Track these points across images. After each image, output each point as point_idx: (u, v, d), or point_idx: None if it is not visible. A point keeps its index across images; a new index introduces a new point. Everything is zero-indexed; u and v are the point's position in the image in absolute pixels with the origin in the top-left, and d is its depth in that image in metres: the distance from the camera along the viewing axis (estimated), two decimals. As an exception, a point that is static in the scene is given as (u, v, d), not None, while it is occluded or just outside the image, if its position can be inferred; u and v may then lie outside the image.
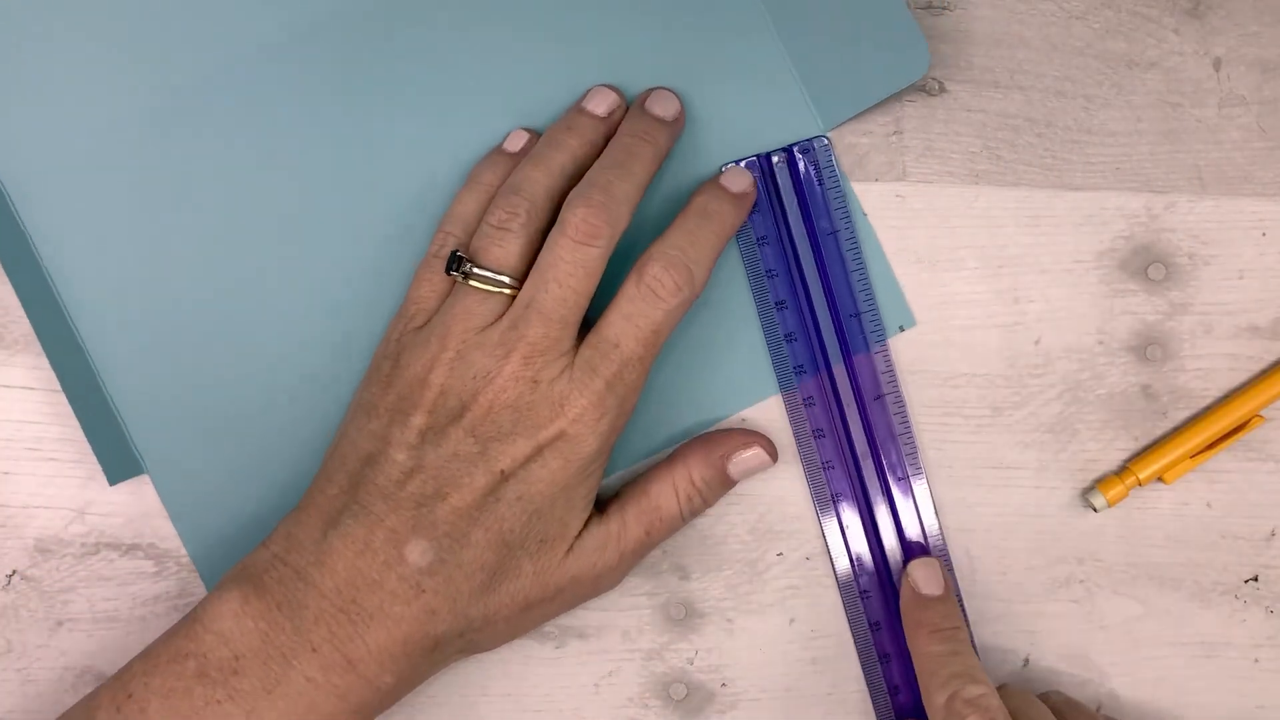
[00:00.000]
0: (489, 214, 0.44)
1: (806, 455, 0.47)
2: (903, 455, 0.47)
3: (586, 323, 0.44)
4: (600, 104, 0.45)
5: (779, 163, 0.47)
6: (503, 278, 0.43)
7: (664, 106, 0.45)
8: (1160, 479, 0.47)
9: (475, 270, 0.43)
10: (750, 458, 0.46)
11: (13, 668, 0.48)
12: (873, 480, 0.47)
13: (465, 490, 0.42)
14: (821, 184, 0.47)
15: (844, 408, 0.47)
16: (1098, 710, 0.47)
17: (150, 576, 0.48)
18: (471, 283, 0.43)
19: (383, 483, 0.42)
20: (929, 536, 0.47)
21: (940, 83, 0.48)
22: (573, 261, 0.42)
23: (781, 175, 0.47)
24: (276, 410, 0.47)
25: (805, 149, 0.47)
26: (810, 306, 0.47)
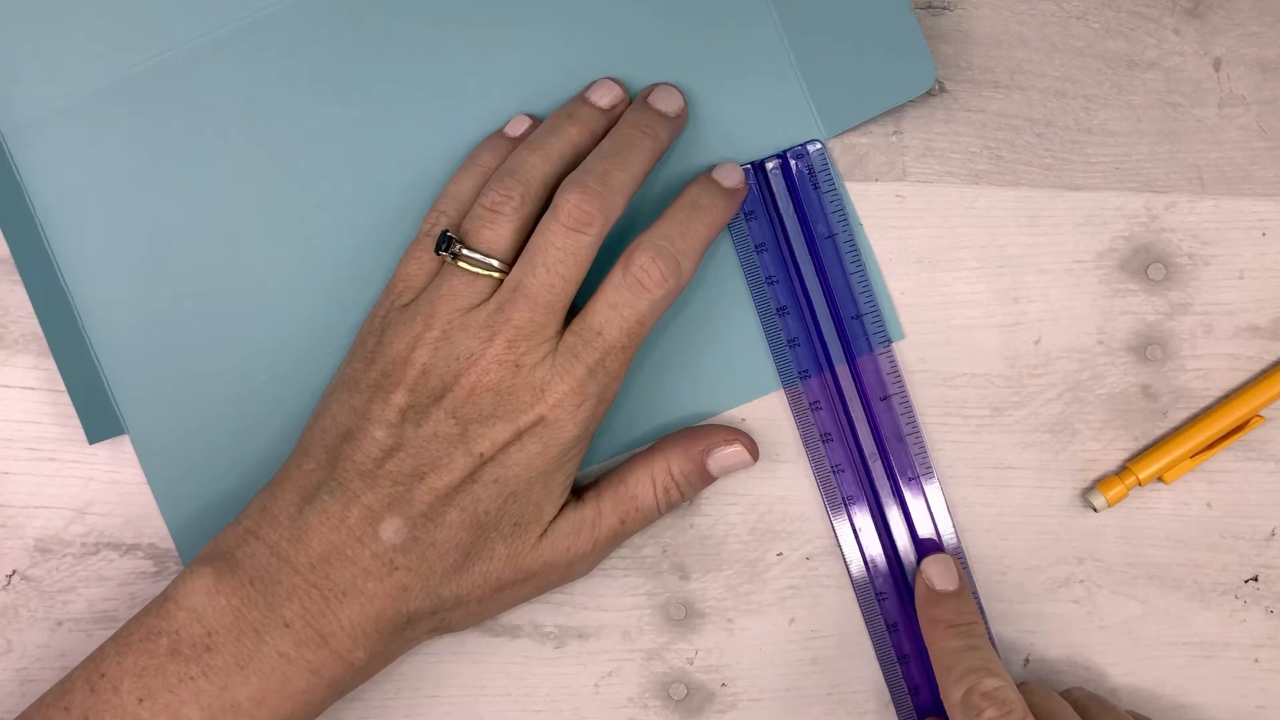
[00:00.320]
0: (483, 195, 0.43)
1: (815, 460, 0.47)
2: (911, 456, 0.47)
3: (574, 310, 0.44)
4: (603, 96, 0.45)
5: (773, 169, 0.47)
6: (491, 260, 0.43)
7: (667, 101, 0.45)
8: (1160, 479, 0.47)
9: (464, 251, 0.43)
10: (730, 454, 0.46)
11: (13, 668, 0.48)
12: (883, 482, 0.47)
13: (443, 471, 0.42)
14: (817, 188, 0.47)
15: (850, 410, 0.47)
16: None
17: (150, 576, 0.48)
18: (460, 264, 0.43)
19: (360, 459, 0.42)
20: (942, 536, 0.47)
21: (940, 83, 0.48)
22: (563, 247, 0.42)
23: (776, 181, 0.47)
24: (261, 381, 0.47)
25: (799, 154, 0.47)
26: (812, 311, 0.47)
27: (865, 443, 0.47)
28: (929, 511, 0.47)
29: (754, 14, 0.46)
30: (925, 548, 0.47)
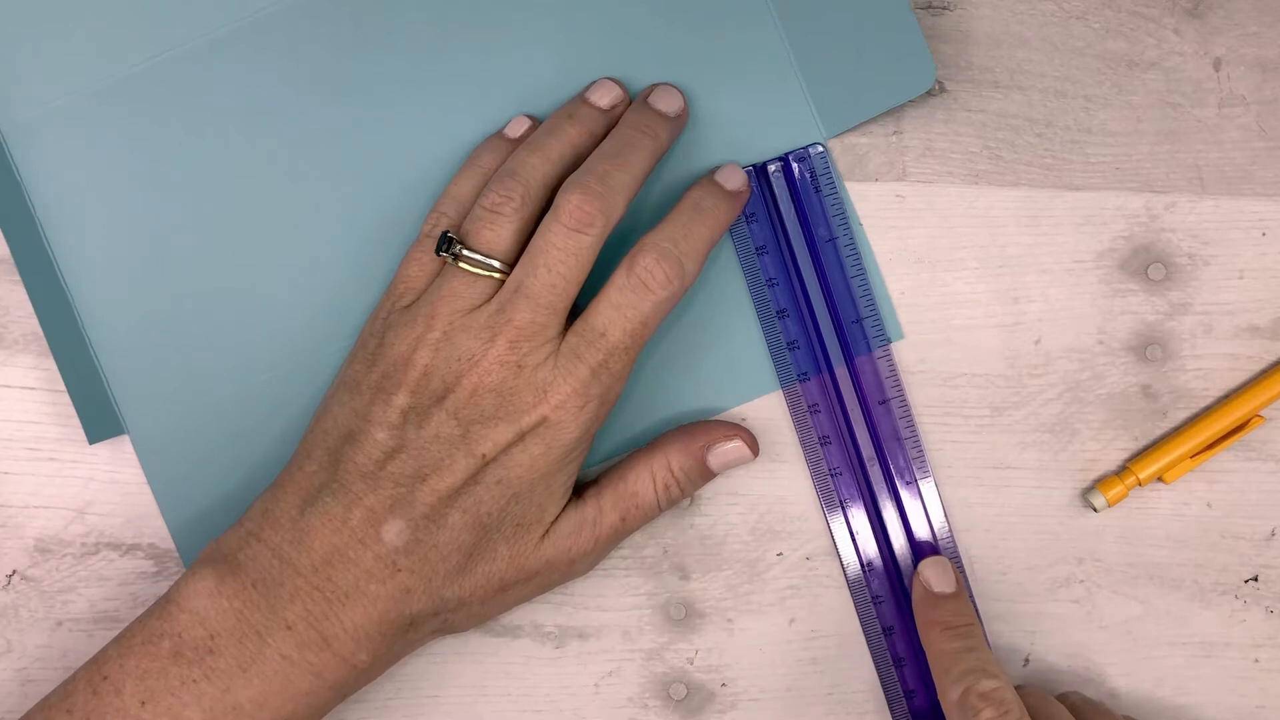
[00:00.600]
0: (483, 196, 0.43)
1: (813, 462, 0.47)
2: (909, 459, 0.47)
3: (576, 311, 0.44)
4: (603, 96, 0.45)
5: (775, 171, 0.47)
6: (492, 261, 0.43)
7: (667, 102, 0.45)
8: (1160, 479, 0.47)
9: (465, 252, 0.43)
10: (731, 450, 0.46)
11: (13, 668, 0.48)
12: (880, 485, 0.47)
13: (445, 473, 0.42)
14: (818, 191, 0.47)
15: (849, 413, 0.47)
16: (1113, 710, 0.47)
17: (150, 576, 0.48)
18: (461, 264, 0.43)
19: (362, 461, 0.42)
20: (939, 539, 0.47)
21: (940, 83, 0.48)
22: (564, 248, 0.42)
23: (778, 184, 0.47)
24: (261, 381, 0.47)
25: (801, 157, 0.47)
26: (811, 314, 0.47)
27: (863, 445, 0.47)
28: (925, 515, 0.47)
29: (754, 14, 0.46)
30: (921, 551, 0.47)
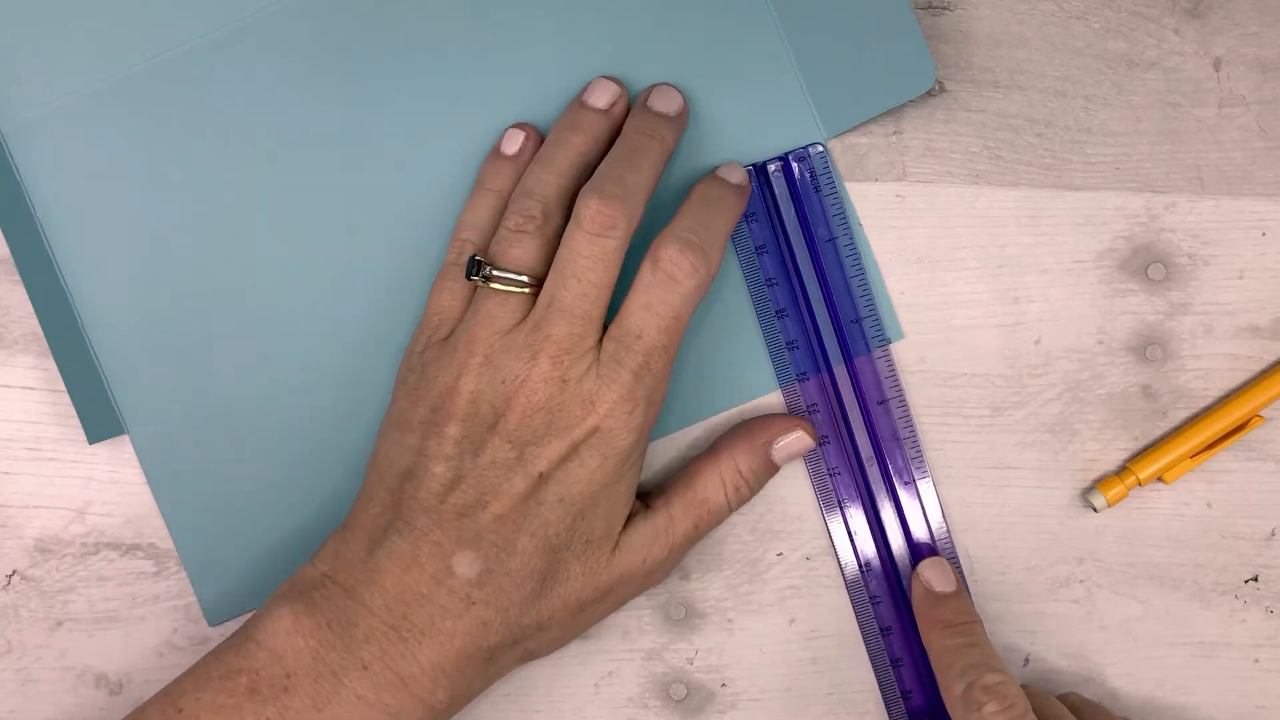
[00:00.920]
0: (505, 219, 0.44)
1: (812, 463, 0.47)
2: (908, 459, 0.47)
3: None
4: (601, 96, 0.45)
5: (775, 171, 0.47)
6: (522, 277, 0.43)
7: (666, 102, 0.45)
8: (1160, 479, 0.47)
9: (495, 272, 0.43)
10: (793, 441, 0.46)
11: (13, 668, 0.48)
12: (879, 485, 0.47)
13: (505, 497, 0.42)
14: (818, 191, 0.47)
15: (848, 413, 0.47)
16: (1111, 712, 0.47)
17: (150, 576, 0.48)
18: (493, 285, 0.43)
19: (424, 497, 0.42)
20: (937, 539, 0.47)
21: (940, 83, 0.48)
22: (590, 255, 0.42)
23: (778, 183, 0.47)
24: (261, 381, 0.47)
25: (801, 156, 0.47)
26: (811, 314, 0.47)
27: (862, 446, 0.47)
28: (924, 515, 0.47)
29: (754, 14, 0.46)
30: (920, 551, 0.47)
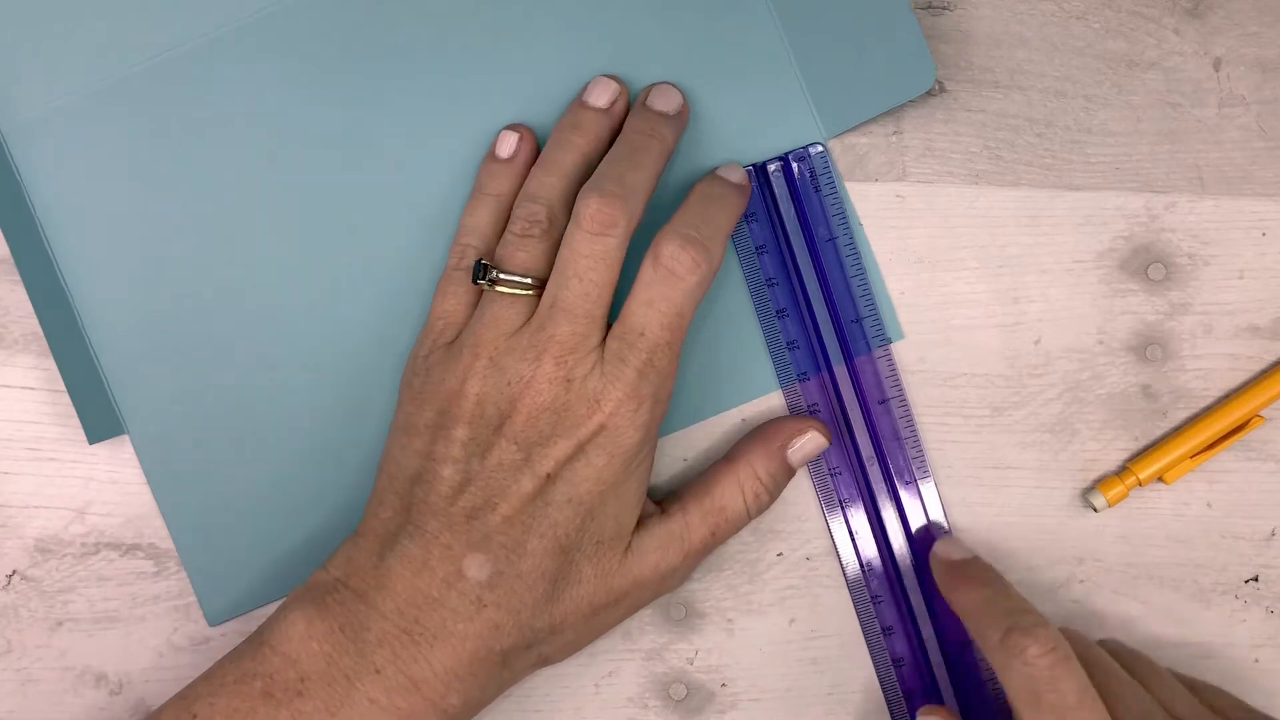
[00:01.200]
0: (511, 224, 0.44)
1: (813, 462, 0.47)
2: (909, 459, 0.47)
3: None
4: (601, 96, 0.45)
5: (775, 171, 0.47)
6: (527, 279, 0.43)
7: (665, 101, 0.45)
8: (1160, 479, 0.47)
9: (501, 275, 0.43)
10: (807, 442, 0.46)
11: (13, 668, 0.48)
12: (879, 484, 0.47)
13: (513, 498, 0.42)
14: (818, 191, 0.47)
15: (848, 413, 0.47)
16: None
17: (150, 576, 0.48)
18: (499, 288, 0.43)
19: (434, 500, 0.42)
20: (938, 539, 0.47)
21: (940, 83, 0.48)
22: (590, 254, 0.42)
23: (778, 183, 0.47)
24: (261, 381, 0.47)
25: (801, 156, 0.47)
26: (811, 313, 0.47)
27: (862, 445, 0.47)
28: (925, 515, 0.47)
29: (754, 14, 0.46)
30: (921, 552, 0.47)
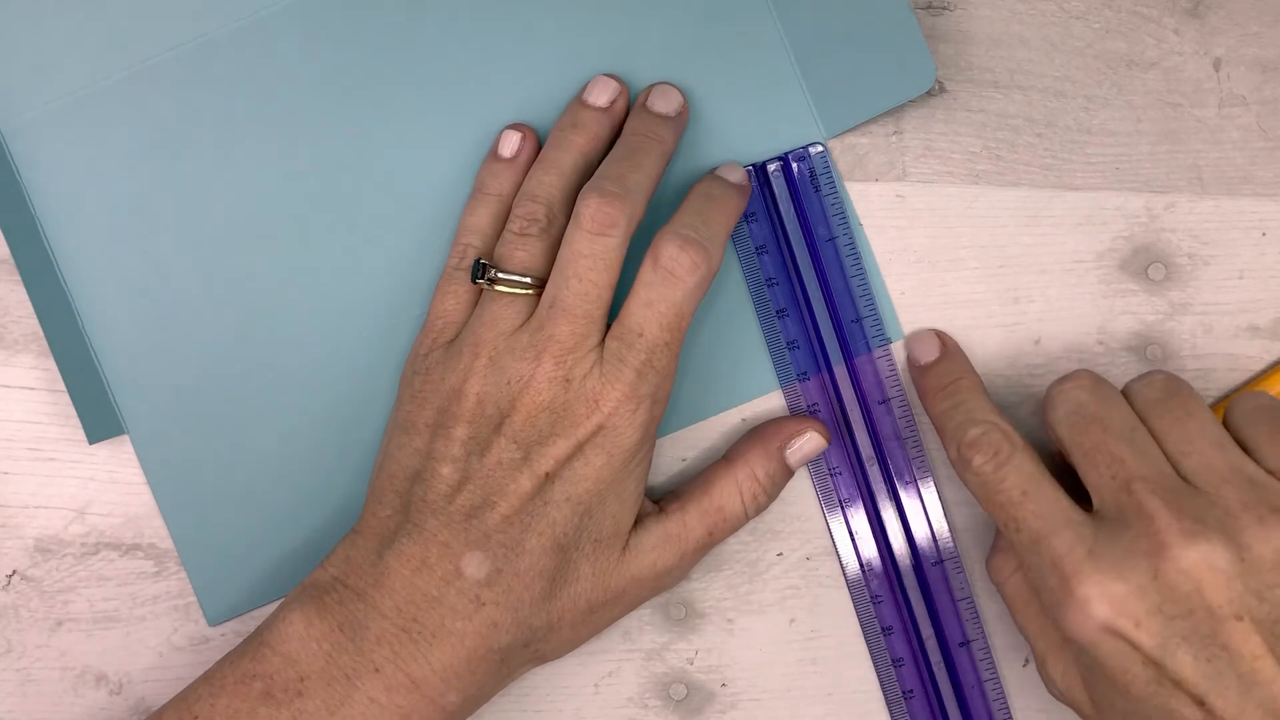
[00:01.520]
0: (510, 223, 0.44)
1: (813, 462, 0.47)
2: (909, 459, 0.47)
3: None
4: (601, 95, 0.45)
5: (775, 171, 0.47)
6: (526, 279, 0.43)
7: (665, 102, 0.45)
8: (1160, 479, 0.47)
9: (500, 275, 0.43)
10: (806, 442, 0.46)
11: (13, 668, 0.48)
12: (879, 484, 0.47)
13: (512, 497, 0.42)
14: (818, 190, 0.47)
15: (848, 413, 0.47)
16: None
17: (150, 576, 0.48)
18: (498, 288, 0.43)
19: (432, 499, 0.42)
20: (938, 538, 0.47)
21: (940, 83, 0.48)
22: (591, 254, 0.42)
23: (778, 183, 0.47)
24: (261, 380, 0.47)
25: (801, 156, 0.47)
26: (811, 313, 0.47)
27: (862, 445, 0.47)
28: (925, 514, 0.47)
29: (754, 14, 0.46)
30: (921, 551, 0.47)
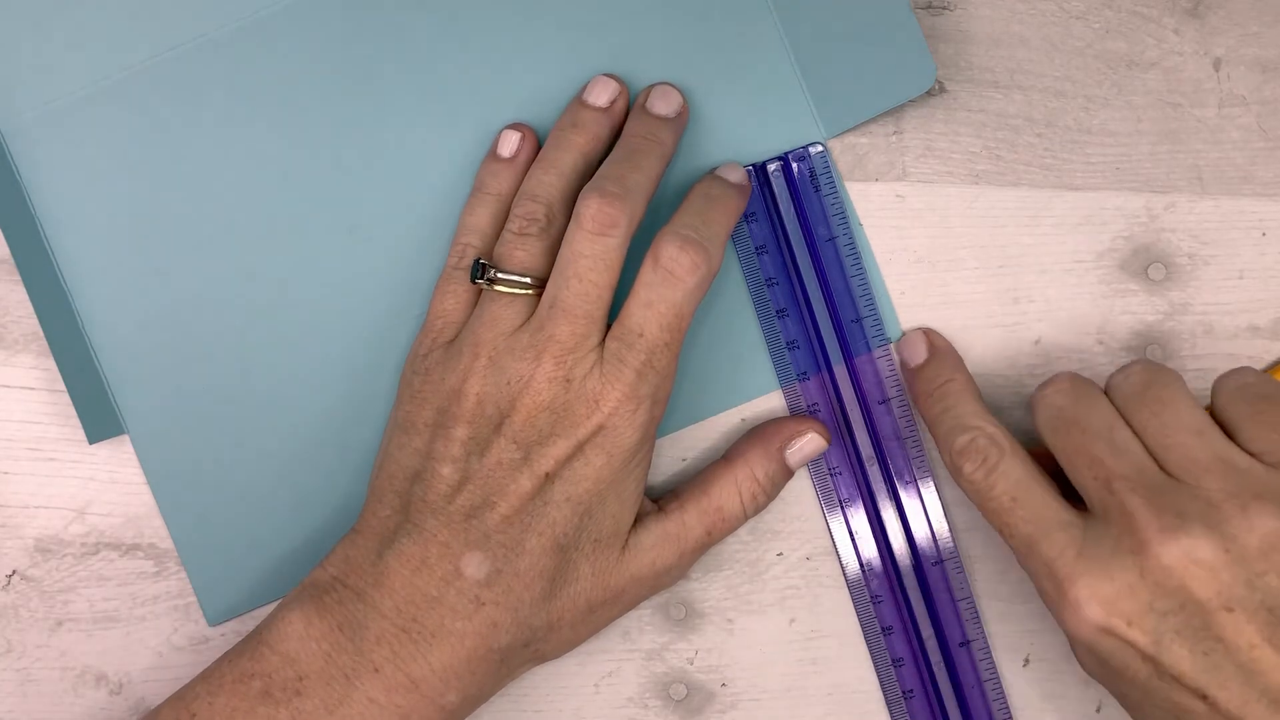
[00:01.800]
0: (509, 223, 0.44)
1: (813, 462, 0.47)
2: (909, 459, 0.47)
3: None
4: (601, 95, 0.45)
5: (775, 171, 0.47)
6: (526, 279, 0.43)
7: (665, 103, 0.45)
8: (1160, 479, 0.47)
9: (500, 275, 0.43)
10: (806, 444, 0.46)
11: (13, 668, 0.48)
12: (879, 484, 0.47)
13: (512, 497, 0.42)
14: (818, 190, 0.47)
15: (848, 413, 0.47)
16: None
17: (150, 576, 0.48)
18: (497, 288, 0.43)
19: (432, 499, 0.42)
20: (938, 538, 0.47)
21: (940, 83, 0.48)
22: (591, 255, 0.42)
23: (778, 183, 0.47)
24: (262, 381, 0.47)
25: (801, 156, 0.47)
26: (811, 313, 0.47)
27: (862, 445, 0.47)
28: (925, 514, 0.47)
29: (754, 14, 0.46)
30: (921, 551, 0.47)
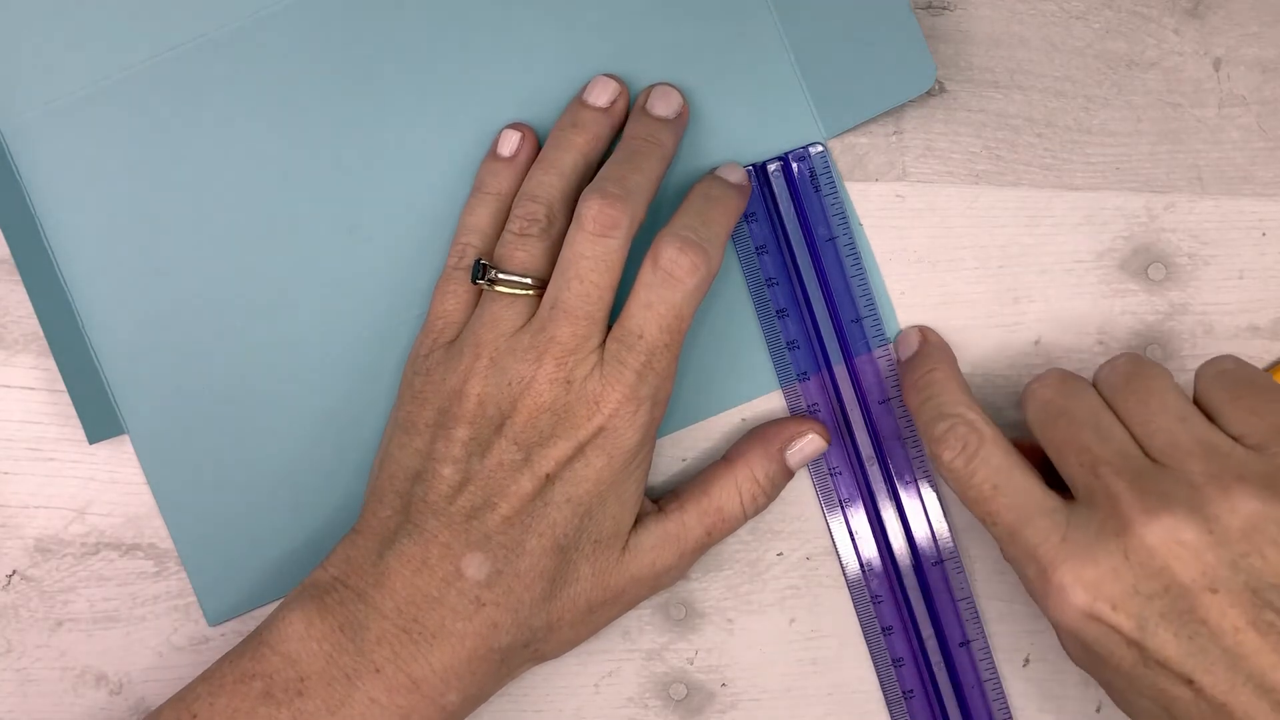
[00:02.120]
0: (510, 223, 0.44)
1: (813, 462, 0.47)
2: (909, 458, 0.47)
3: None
4: (601, 95, 0.45)
5: (775, 171, 0.47)
6: (526, 279, 0.43)
7: (665, 104, 0.45)
8: (1160, 479, 0.47)
9: (500, 275, 0.43)
10: (806, 444, 0.46)
11: (13, 668, 0.48)
12: (879, 484, 0.47)
13: (513, 498, 0.42)
14: (819, 190, 0.47)
15: (848, 413, 0.47)
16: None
17: (150, 576, 0.48)
18: (498, 288, 0.43)
19: (433, 499, 0.42)
20: (938, 538, 0.47)
21: (940, 83, 0.48)
22: (592, 256, 0.42)
23: (778, 183, 0.47)
24: (261, 381, 0.47)
25: (801, 156, 0.47)
26: (811, 313, 0.47)
27: (862, 445, 0.47)
28: (925, 514, 0.47)
29: (754, 14, 0.46)
30: (920, 551, 0.47)
